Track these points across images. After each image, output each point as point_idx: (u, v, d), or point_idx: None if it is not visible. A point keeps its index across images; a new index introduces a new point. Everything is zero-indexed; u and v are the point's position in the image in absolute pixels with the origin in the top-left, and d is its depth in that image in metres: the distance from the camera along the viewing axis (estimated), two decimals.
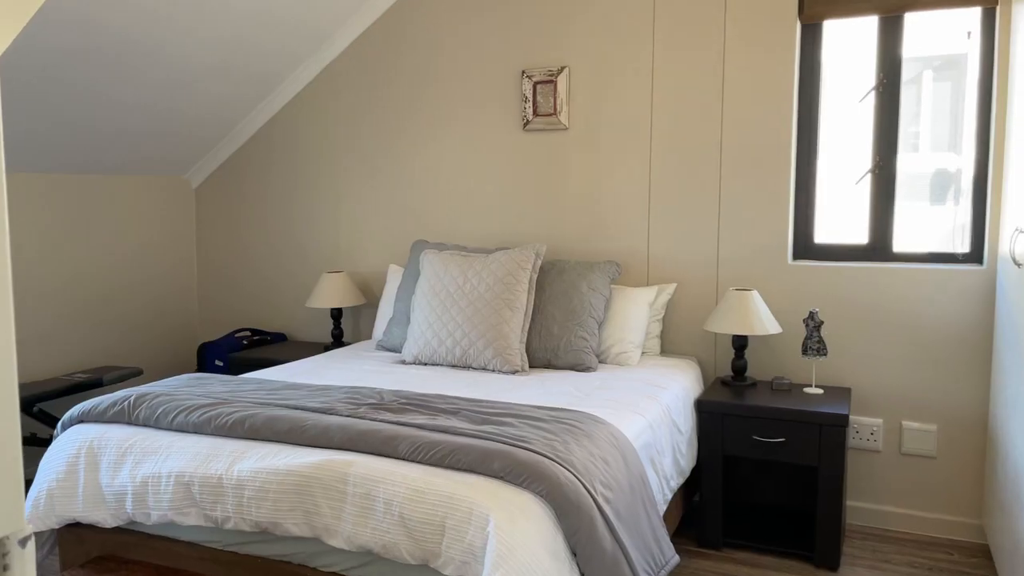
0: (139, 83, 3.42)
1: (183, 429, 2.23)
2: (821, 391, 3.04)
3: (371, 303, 4.02)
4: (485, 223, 3.75)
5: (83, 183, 3.76)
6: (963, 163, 3.16)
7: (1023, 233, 2.35)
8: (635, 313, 3.22)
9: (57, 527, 2.27)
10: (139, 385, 4.17)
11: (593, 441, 2.07)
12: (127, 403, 2.33)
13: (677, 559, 2.21)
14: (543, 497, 1.83)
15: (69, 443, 2.29)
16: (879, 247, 3.21)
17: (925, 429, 3.09)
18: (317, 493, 1.96)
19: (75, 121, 3.40)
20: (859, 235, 3.25)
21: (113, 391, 3.99)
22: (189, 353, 4.39)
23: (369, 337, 4.05)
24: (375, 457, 2.01)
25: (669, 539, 2.22)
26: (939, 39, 3.26)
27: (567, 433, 2.07)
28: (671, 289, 3.35)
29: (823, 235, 3.31)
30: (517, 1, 3.60)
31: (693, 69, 3.32)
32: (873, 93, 3.18)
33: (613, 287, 3.31)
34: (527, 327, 3.13)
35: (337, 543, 1.93)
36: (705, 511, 2.97)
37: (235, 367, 3.78)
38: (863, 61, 3.21)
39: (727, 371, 3.31)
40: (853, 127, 3.26)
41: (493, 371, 3.06)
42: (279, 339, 4.17)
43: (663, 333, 3.41)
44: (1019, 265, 2.37)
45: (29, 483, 3.23)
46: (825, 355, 3.00)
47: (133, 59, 3.26)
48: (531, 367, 3.14)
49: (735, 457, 3.08)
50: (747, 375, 3.17)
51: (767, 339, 3.25)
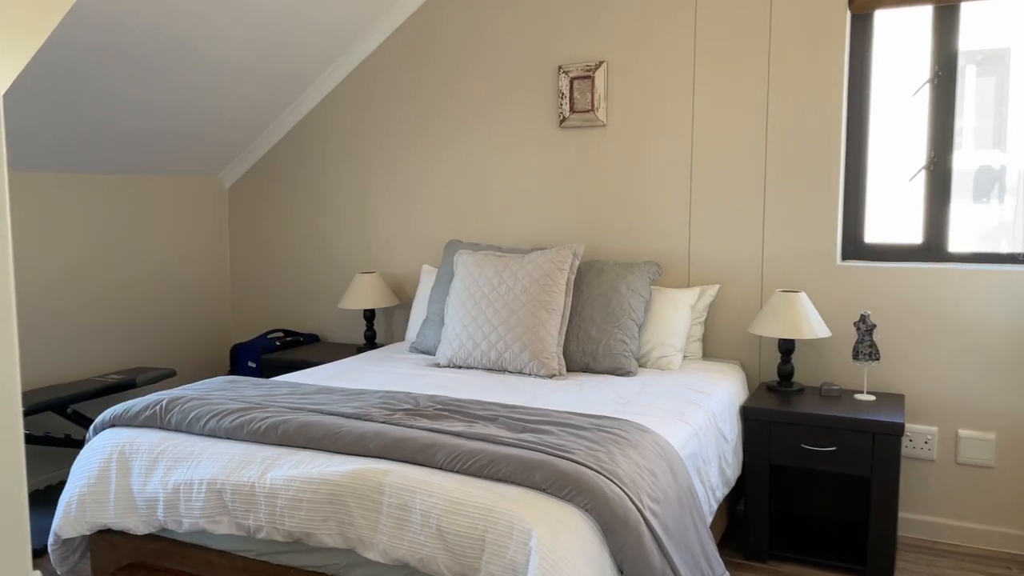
0: (172, 84, 3.39)
1: (215, 434, 2.18)
2: (873, 398, 2.91)
3: (404, 304, 3.96)
4: (521, 223, 3.67)
5: (118, 184, 3.75)
6: (1008, 160, 3.01)
7: None
8: (676, 315, 3.12)
9: (88, 533, 2.23)
10: (172, 387, 4.18)
11: (639, 451, 1.97)
12: (159, 407, 2.28)
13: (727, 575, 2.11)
14: (588, 511, 1.74)
15: (101, 448, 2.25)
16: (934, 247, 3.06)
17: (983, 438, 2.94)
18: (351, 503, 1.89)
19: (110, 122, 3.38)
20: (912, 234, 3.11)
21: (146, 393, 3.99)
22: (222, 354, 4.37)
23: (402, 339, 3.99)
24: (411, 466, 1.94)
25: (718, 554, 2.12)
26: (982, 33, 3.11)
27: (611, 443, 1.98)
28: (713, 291, 3.24)
29: (874, 234, 3.17)
30: None
31: (737, 62, 3.20)
32: (927, 87, 3.04)
33: (653, 288, 3.21)
34: (564, 330, 3.04)
35: (372, 555, 1.87)
36: (750, 522, 2.86)
37: (268, 369, 3.74)
38: (916, 54, 3.06)
39: (772, 376, 3.19)
40: (906, 122, 3.12)
41: (530, 375, 2.97)
42: (312, 340, 4.13)
43: (705, 336, 3.30)
44: None
45: (62, 485, 3.21)
46: (878, 360, 2.87)
47: (166, 60, 3.23)
48: (569, 371, 3.05)
49: (781, 466, 2.96)
50: (794, 380, 3.05)
51: (814, 343, 3.12)
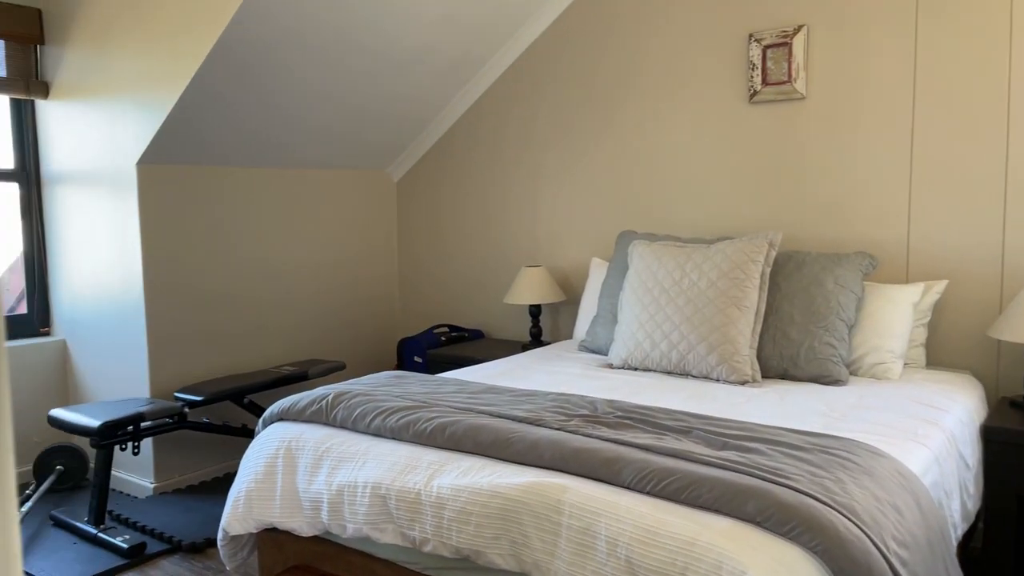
0: (342, 73, 3.35)
1: (380, 433, 2.03)
2: None
3: (572, 300, 3.72)
4: (703, 210, 3.31)
5: (290, 178, 3.78)
6: None
7: None
8: (896, 316, 2.65)
9: (255, 531, 2.16)
10: (341, 381, 4.20)
11: (876, 480, 1.60)
12: (325, 402, 2.17)
13: None
14: (818, 554, 1.40)
15: (268, 442, 2.17)
16: None
17: None
18: (526, 521, 1.66)
19: (281, 117, 3.39)
20: None
21: (317, 385, 4.01)
22: (390, 348, 4.33)
23: (569, 336, 3.75)
24: (592, 483, 1.68)
25: None
26: None
27: (839, 468, 1.62)
28: (941, 287, 2.74)
29: None
30: None
31: (970, 13, 2.68)
32: None
33: (866, 284, 2.76)
34: (758, 330, 2.67)
35: None
36: (991, 564, 2.36)
37: (433, 364, 3.63)
38: None
39: (1015, 390, 2.64)
40: None
41: (717, 380, 2.63)
42: (476, 336, 3.99)
43: (928, 340, 2.80)
44: None
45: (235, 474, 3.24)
46: None
47: (336, 49, 3.18)
48: (764, 377, 2.68)
49: None
50: None
51: None
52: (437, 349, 3.70)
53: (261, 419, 2.29)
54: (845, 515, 1.44)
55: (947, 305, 2.78)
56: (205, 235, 3.43)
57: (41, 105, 3.56)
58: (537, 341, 3.61)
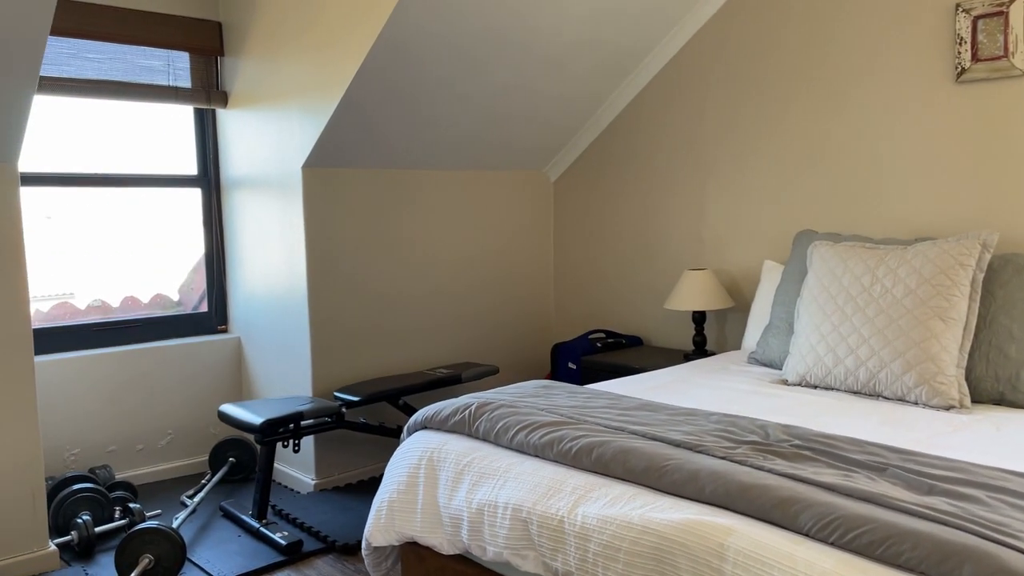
0: (497, 72, 3.26)
1: (523, 450, 1.89)
2: None
3: (740, 306, 3.41)
4: (897, 207, 2.91)
5: (447, 180, 3.75)
6: None
7: None
8: None
9: (396, 544, 2.09)
10: (493, 385, 4.13)
11: None
12: (468, 412, 2.07)
13: None
14: None
15: (412, 451, 2.10)
16: None
17: None
18: (682, 565, 1.44)
19: (441, 119, 3.35)
20: None
21: (470, 389, 3.96)
22: (543, 353, 4.21)
23: (737, 347, 3.45)
24: (763, 526, 1.44)
25: None
26: None
27: None
28: None
29: None
30: None
31: None
32: None
33: None
34: (968, 346, 2.27)
35: None
36: None
37: (587, 371, 3.46)
38: None
39: None
40: None
41: (915, 404, 2.26)
42: (634, 343, 3.77)
43: None
44: None
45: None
46: None
47: (489, 48, 3.10)
48: (974, 402, 2.27)
49: None
50: None
51: None
52: (592, 356, 3.52)
53: (406, 426, 2.23)
54: None
55: None
56: (364, 237, 3.46)
57: (221, 114, 3.75)
58: (701, 351, 3.34)
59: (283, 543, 2.78)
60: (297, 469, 3.48)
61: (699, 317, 3.34)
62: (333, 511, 3.13)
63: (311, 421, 3.09)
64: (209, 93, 3.67)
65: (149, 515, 3.11)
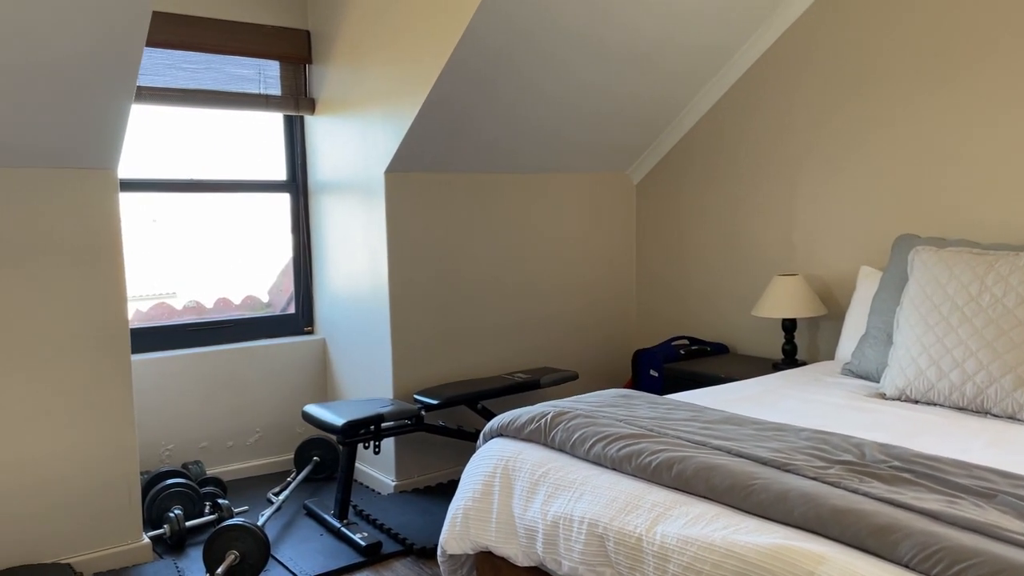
0: (579, 72, 3.21)
1: (599, 462, 1.84)
2: None
3: (834, 314, 3.24)
4: (1008, 209, 2.70)
5: (528, 182, 3.72)
6: None
7: None
8: None
9: (472, 552, 2.06)
10: (572, 392, 4.07)
11: None
12: (544, 421, 2.02)
13: None
14: None
15: (487, 458, 2.07)
16: None
17: None
18: None
19: (523, 122, 3.33)
20: None
21: (549, 395, 3.92)
22: (624, 359, 4.13)
23: (830, 357, 3.28)
24: (858, 554, 1.34)
25: None
26: None
27: None
28: None
29: None
30: None
31: None
32: None
33: None
34: None
35: None
36: None
37: (670, 379, 3.36)
38: None
39: None
40: None
41: None
42: (720, 350, 3.64)
43: None
44: None
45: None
46: None
47: (571, 48, 3.05)
48: None
49: None
50: None
51: None
52: (675, 363, 3.42)
53: (482, 434, 2.20)
54: None
55: None
56: (445, 241, 3.47)
57: (309, 120, 3.84)
58: (791, 360, 3.19)
59: (363, 544, 2.81)
60: (378, 470, 3.52)
61: (789, 325, 3.20)
62: (412, 513, 3.15)
63: (391, 423, 3.11)
64: (298, 100, 3.76)
65: (237, 511, 3.21)
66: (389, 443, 3.41)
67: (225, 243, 3.79)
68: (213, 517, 3.05)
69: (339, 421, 2.92)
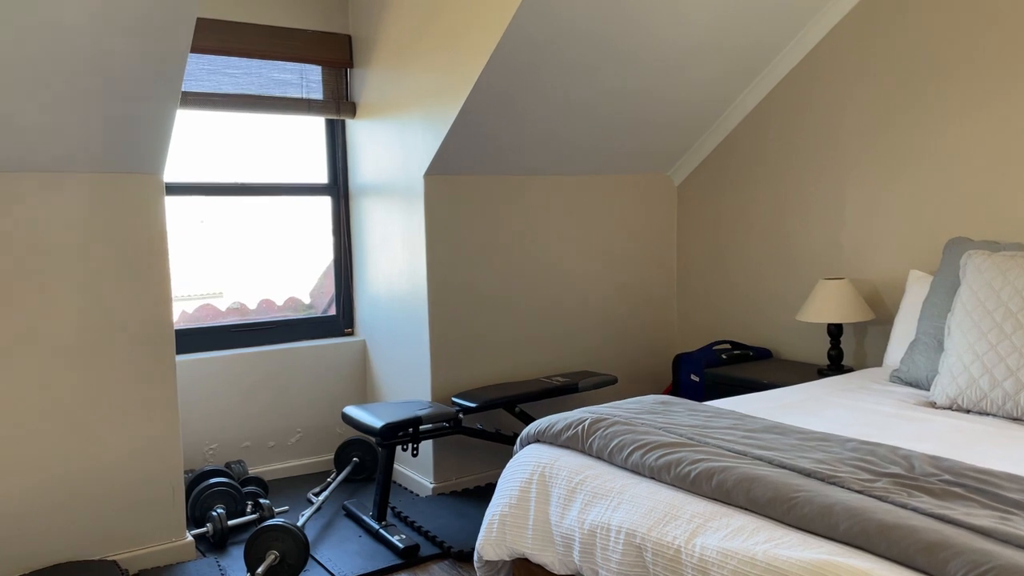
0: (619, 73, 3.18)
1: (637, 471, 1.81)
2: None
3: (882, 319, 3.16)
4: None
5: (567, 184, 3.70)
6: None
7: None
8: None
9: (508, 559, 2.05)
10: (611, 396, 4.02)
11: None
12: (581, 428, 2.00)
13: None
14: None
15: (524, 464, 2.06)
16: None
17: None
18: None
19: (559, 124, 3.31)
20: None
21: (587, 399, 3.89)
22: (664, 363, 4.08)
23: (878, 363, 3.19)
24: (906, 571, 1.29)
25: None
26: None
27: None
28: None
29: None
30: None
31: None
32: None
33: None
34: None
35: None
36: None
37: (711, 385, 3.31)
38: None
39: None
40: None
41: None
42: (763, 355, 3.57)
43: None
44: None
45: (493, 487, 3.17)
46: None
47: (613, 48, 3.02)
48: None
49: None
50: None
51: None
52: (717, 368, 3.37)
53: (519, 439, 2.19)
54: None
55: None
56: (484, 243, 3.47)
57: (350, 124, 3.88)
58: (836, 366, 3.12)
59: (400, 546, 2.81)
60: (416, 472, 3.53)
61: (835, 330, 3.12)
62: (450, 516, 3.15)
63: (429, 426, 3.12)
64: (339, 104, 3.79)
65: (277, 511, 3.25)
66: (427, 445, 3.42)
67: (269, 245, 3.85)
68: (255, 516, 3.09)
69: (378, 423, 2.93)
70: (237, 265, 3.77)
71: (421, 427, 3.09)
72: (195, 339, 3.56)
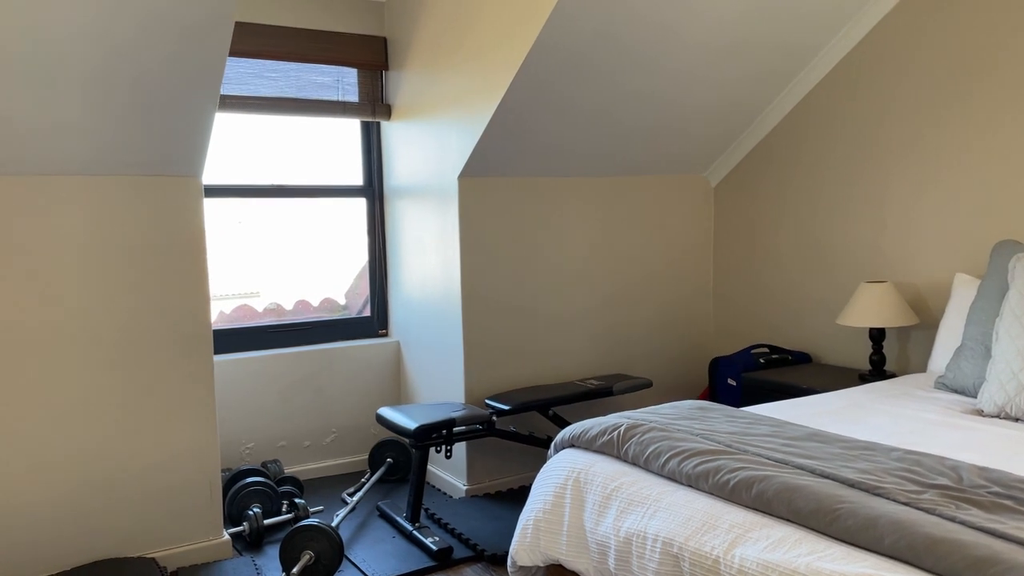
0: (654, 74, 3.14)
1: (675, 478, 1.78)
2: None
3: (926, 324, 3.08)
4: None
5: (601, 186, 3.67)
6: None
7: None
8: None
9: (542, 565, 2.04)
10: (647, 400, 3.99)
11: None
12: (616, 434, 1.98)
13: None
14: None
15: (558, 470, 2.04)
16: None
17: None
18: None
19: (593, 125, 3.28)
20: None
21: (622, 403, 3.86)
22: (701, 367, 4.03)
23: (922, 369, 3.11)
24: None
25: None
26: None
27: None
28: None
29: None
30: None
31: None
32: None
33: None
34: None
35: None
36: None
37: (749, 389, 3.25)
38: None
39: None
40: None
41: None
42: (802, 359, 3.51)
43: None
44: None
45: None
46: None
47: (647, 49, 2.99)
48: None
49: None
50: None
51: None
52: (755, 372, 3.31)
53: (553, 443, 2.17)
54: None
55: None
56: (518, 244, 3.46)
57: (385, 126, 3.89)
58: (879, 372, 3.04)
59: (434, 548, 2.81)
60: (450, 473, 3.53)
61: (877, 334, 3.05)
62: (483, 518, 3.14)
63: (463, 428, 3.12)
64: (374, 107, 3.81)
65: (313, 510, 3.27)
66: (461, 447, 3.42)
67: (305, 246, 3.88)
68: (290, 516, 3.12)
69: (412, 425, 2.94)
70: (274, 266, 3.81)
71: (455, 429, 3.09)
72: (232, 339, 3.61)
